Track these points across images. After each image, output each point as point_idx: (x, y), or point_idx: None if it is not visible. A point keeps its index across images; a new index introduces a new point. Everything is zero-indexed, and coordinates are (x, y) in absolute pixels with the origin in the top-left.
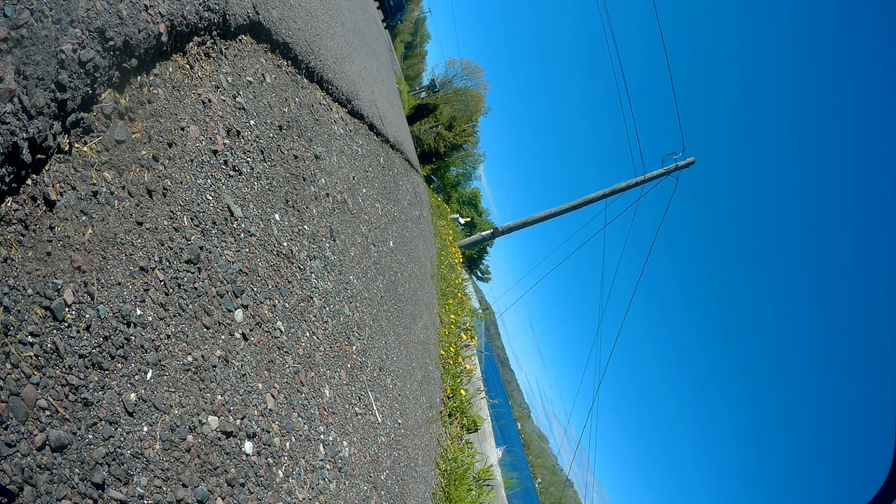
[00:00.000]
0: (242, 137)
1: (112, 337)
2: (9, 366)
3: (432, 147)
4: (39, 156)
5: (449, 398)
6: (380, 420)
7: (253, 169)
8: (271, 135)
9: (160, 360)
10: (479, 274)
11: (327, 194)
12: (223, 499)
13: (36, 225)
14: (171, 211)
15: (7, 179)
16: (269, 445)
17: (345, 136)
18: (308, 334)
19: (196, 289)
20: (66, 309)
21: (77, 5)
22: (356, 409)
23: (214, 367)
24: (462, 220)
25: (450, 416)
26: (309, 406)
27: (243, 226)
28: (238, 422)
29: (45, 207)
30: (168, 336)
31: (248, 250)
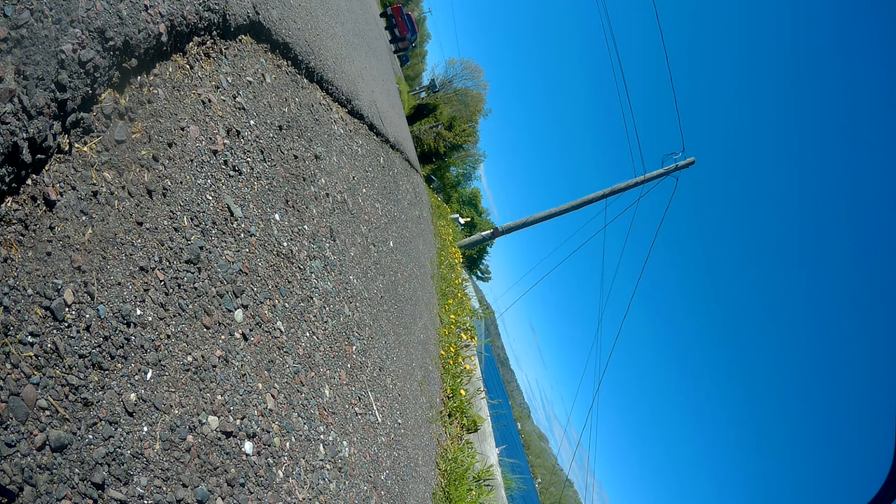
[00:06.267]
0: (242, 137)
1: (112, 337)
2: (9, 366)
3: (432, 147)
4: (39, 156)
5: (449, 398)
6: (380, 420)
7: (253, 169)
8: (271, 135)
9: (160, 360)
10: (479, 274)
11: (327, 194)
12: (223, 499)
13: (36, 225)
14: (171, 211)
15: (7, 179)
16: (269, 445)
17: (345, 136)
18: (308, 334)
19: (196, 289)
20: (66, 309)
21: (77, 5)
22: (356, 409)
23: (214, 367)
24: (462, 220)
25: (450, 416)
26: (309, 406)
27: (243, 226)
28: (238, 422)
29: (45, 207)
30: (168, 336)
31: (248, 250)
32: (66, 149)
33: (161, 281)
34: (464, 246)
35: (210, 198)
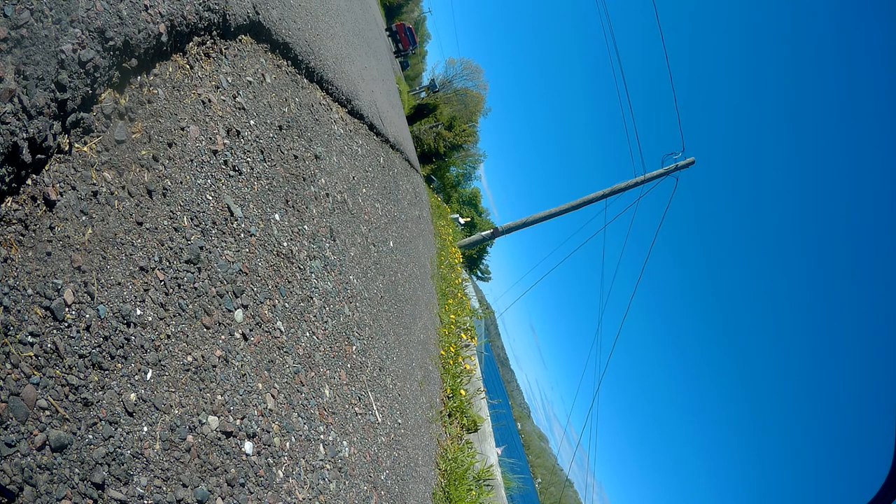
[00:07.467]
0: (242, 137)
1: (112, 337)
2: (9, 366)
3: (432, 147)
4: (39, 156)
5: (449, 398)
6: (380, 420)
7: (253, 169)
8: (271, 135)
9: (160, 360)
10: (479, 274)
11: (327, 194)
12: (223, 499)
13: (36, 225)
14: (171, 211)
15: (7, 179)
16: (269, 445)
17: (345, 136)
18: (308, 334)
19: (196, 289)
20: (66, 309)
21: (77, 5)
22: (356, 409)
23: (214, 367)
24: (462, 220)
25: (450, 416)
26: (309, 406)
27: (243, 226)
28: (238, 422)
29: (45, 207)
30: (168, 336)
31: (248, 250)
32: (66, 149)
33: (161, 281)
34: (464, 246)
35: (210, 198)
